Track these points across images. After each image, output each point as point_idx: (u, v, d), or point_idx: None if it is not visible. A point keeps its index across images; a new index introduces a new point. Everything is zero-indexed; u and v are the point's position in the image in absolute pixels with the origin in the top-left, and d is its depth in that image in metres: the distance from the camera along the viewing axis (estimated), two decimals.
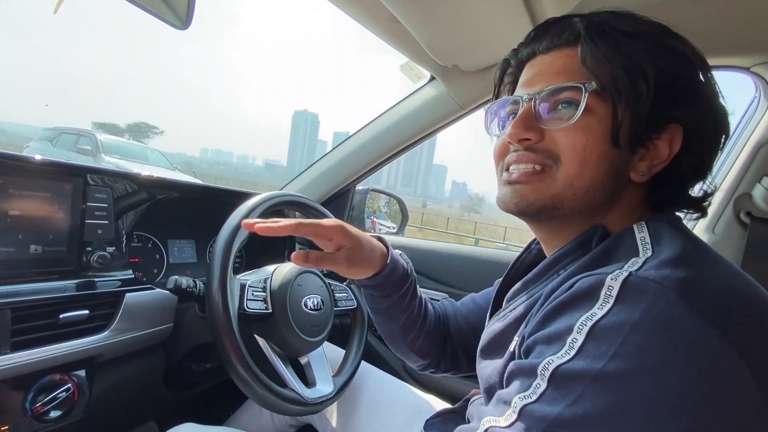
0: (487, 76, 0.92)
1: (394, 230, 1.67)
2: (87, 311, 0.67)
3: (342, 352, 0.90)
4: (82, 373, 0.69)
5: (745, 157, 0.83)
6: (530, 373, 0.34)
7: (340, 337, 0.99)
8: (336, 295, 0.88)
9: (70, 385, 0.65)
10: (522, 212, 0.45)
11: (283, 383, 0.71)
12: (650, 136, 0.40)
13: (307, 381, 0.78)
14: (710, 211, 0.87)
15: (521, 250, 0.59)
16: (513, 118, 0.45)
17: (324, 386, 0.78)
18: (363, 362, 0.89)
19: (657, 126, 0.40)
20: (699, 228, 0.88)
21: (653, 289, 0.31)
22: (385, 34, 0.82)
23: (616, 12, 0.42)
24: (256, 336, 0.74)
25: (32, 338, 0.60)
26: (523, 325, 0.42)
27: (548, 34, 0.45)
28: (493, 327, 0.49)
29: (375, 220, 1.67)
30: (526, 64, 0.47)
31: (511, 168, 0.45)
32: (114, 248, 0.74)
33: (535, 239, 0.55)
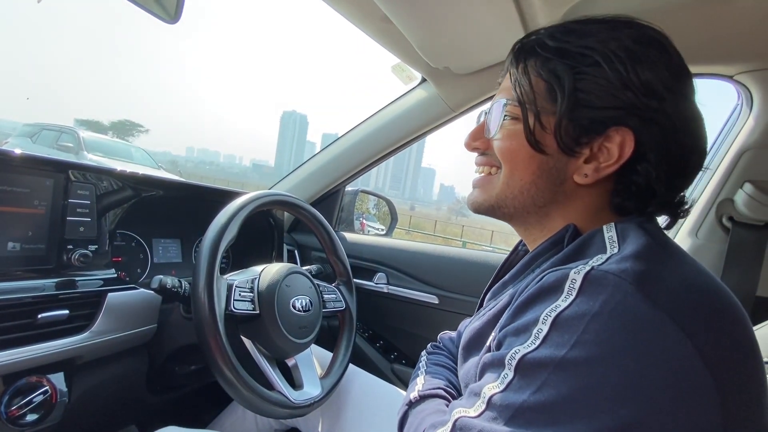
0: (478, 79, 0.93)
1: (383, 232, 1.67)
2: (67, 311, 0.64)
3: (330, 354, 0.89)
4: (60, 375, 0.67)
5: (727, 163, 0.85)
6: (499, 364, 0.36)
7: (328, 339, 0.98)
8: (324, 296, 0.87)
9: (47, 387, 0.63)
10: (477, 211, 0.52)
11: (269, 385, 0.70)
12: (588, 139, 0.42)
13: (294, 383, 0.77)
14: (693, 215, 0.89)
15: (507, 252, 0.61)
16: None
17: (311, 388, 0.77)
18: (351, 365, 0.88)
19: (592, 130, 0.41)
20: (682, 232, 0.90)
21: (612, 282, 0.33)
22: (377, 34, 0.82)
23: (565, 26, 0.45)
24: (242, 337, 0.73)
25: (9, 338, 0.58)
26: (500, 320, 0.43)
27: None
28: (472, 326, 0.51)
29: (364, 221, 1.67)
30: None
31: (474, 171, 0.53)
32: (96, 247, 0.72)
33: (520, 241, 0.57)
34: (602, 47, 0.40)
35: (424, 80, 1.03)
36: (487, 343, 0.44)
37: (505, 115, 0.47)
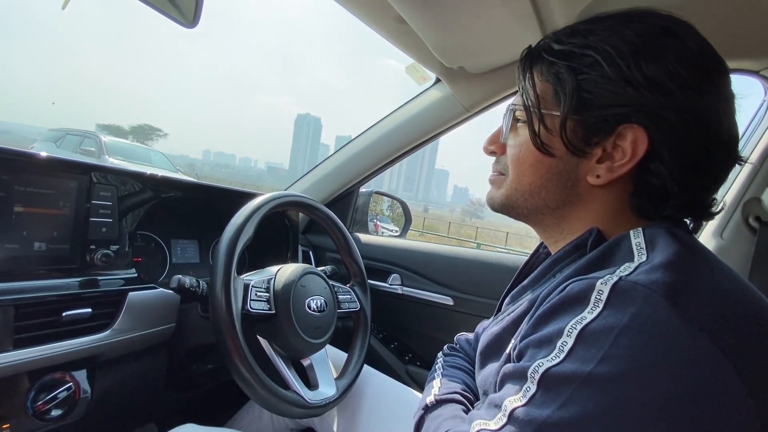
0: (493, 79, 0.92)
1: (397, 233, 1.67)
2: (90, 309, 0.66)
3: (344, 354, 0.89)
4: (83, 372, 0.69)
5: (754, 161, 0.82)
6: (521, 376, 0.35)
7: (342, 340, 0.99)
8: (339, 296, 0.88)
9: (71, 383, 0.65)
10: (493, 208, 0.52)
11: (285, 385, 0.70)
12: (598, 139, 0.41)
13: (310, 383, 0.77)
14: (718, 215, 0.87)
15: (523, 254, 0.60)
16: None
17: (326, 389, 0.77)
18: (365, 365, 0.88)
19: (600, 130, 0.41)
20: (707, 233, 0.87)
21: (642, 294, 0.31)
22: (391, 35, 0.82)
23: (572, 27, 0.44)
24: (258, 337, 0.73)
25: (35, 336, 0.60)
26: (520, 327, 0.42)
27: None
28: (491, 330, 0.50)
29: (378, 223, 1.67)
30: None
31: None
32: (118, 247, 0.74)
33: (542, 243, 0.56)
34: (603, 45, 0.40)
35: (438, 80, 1.03)
36: (507, 351, 0.43)
37: (514, 121, 0.48)
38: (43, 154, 0.66)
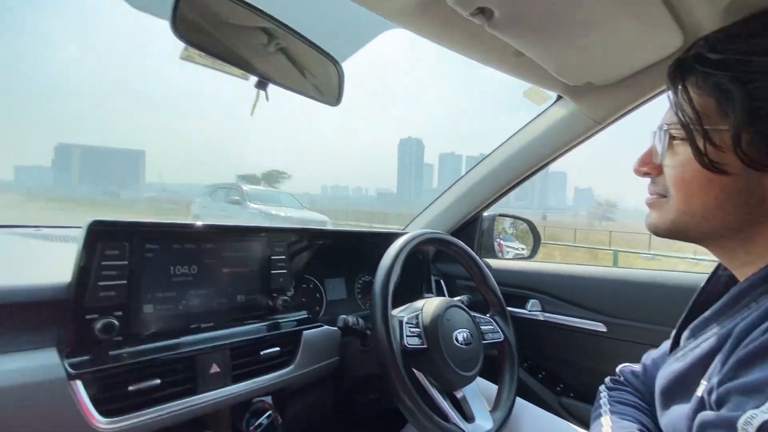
0: (624, 87, 0.86)
1: (523, 251, 1.60)
2: (278, 348, 0.79)
3: (492, 385, 0.89)
4: (275, 401, 0.82)
5: None
6: (728, 427, 0.32)
7: (487, 370, 0.99)
8: (482, 327, 0.89)
9: (270, 411, 0.78)
10: (656, 234, 0.48)
11: (444, 417, 0.74)
12: None
13: (466, 416, 0.79)
14: None
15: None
16: None
17: (483, 422, 0.78)
18: (517, 398, 0.87)
19: None
20: None
21: None
22: (510, 68, 0.83)
23: (727, 31, 0.41)
24: (414, 370, 0.78)
25: (244, 372, 0.74)
26: (712, 367, 0.39)
27: None
28: (672, 367, 0.46)
29: (501, 242, 1.63)
30: None
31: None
32: (291, 292, 0.88)
33: (719, 264, 0.51)
34: None
35: (560, 97, 0.99)
36: (699, 394, 0.39)
37: (670, 140, 0.45)
38: (238, 224, 0.83)
